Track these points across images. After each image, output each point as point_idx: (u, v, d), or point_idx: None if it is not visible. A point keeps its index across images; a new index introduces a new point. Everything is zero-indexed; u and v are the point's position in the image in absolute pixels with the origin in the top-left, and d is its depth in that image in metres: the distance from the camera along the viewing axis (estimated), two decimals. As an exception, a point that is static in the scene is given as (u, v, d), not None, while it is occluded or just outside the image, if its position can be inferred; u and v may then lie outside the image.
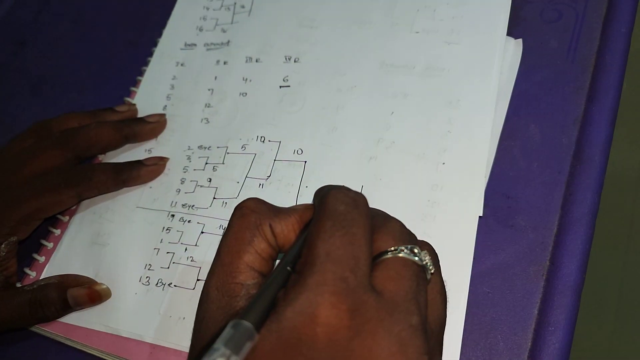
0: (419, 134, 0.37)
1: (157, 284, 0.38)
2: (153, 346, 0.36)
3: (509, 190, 0.36)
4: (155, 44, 0.49)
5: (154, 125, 0.44)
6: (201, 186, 0.41)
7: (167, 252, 0.39)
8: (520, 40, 0.39)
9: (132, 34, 0.51)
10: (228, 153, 0.41)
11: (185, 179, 0.41)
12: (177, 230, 0.39)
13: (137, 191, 0.42)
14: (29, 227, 0.39)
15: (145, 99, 0.46)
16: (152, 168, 0.42)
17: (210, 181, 0.41)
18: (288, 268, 0.25)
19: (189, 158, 0.42)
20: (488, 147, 0.36)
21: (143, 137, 0.43)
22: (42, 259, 0.41)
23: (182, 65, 0.47)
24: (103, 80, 0.49)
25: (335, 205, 0.24)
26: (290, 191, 0.38)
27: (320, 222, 0.24)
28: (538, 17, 0.41)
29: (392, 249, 0.24)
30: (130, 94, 0.47)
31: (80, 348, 0.38)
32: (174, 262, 0.38)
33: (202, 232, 0.39)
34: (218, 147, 0.42)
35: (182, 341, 0.35)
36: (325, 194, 0.26)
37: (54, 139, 0.40)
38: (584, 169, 0.35)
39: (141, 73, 0.48)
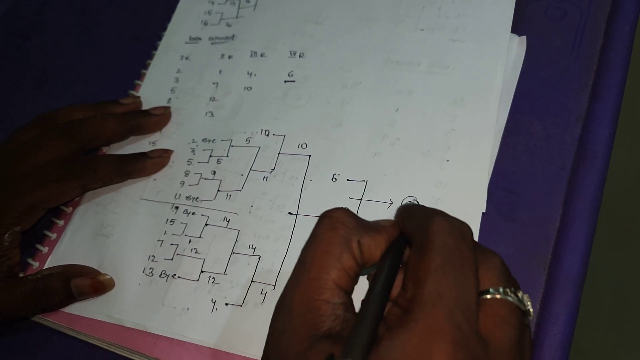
0: (424, 131, 0.37)
1: (160, 275, 0.38)
2: (157, 337, 0.36)
3: (512, 185, 0.36)
4: (159, 38, 0.49)
5: (159, 118, 0.44)
6: (205, 178, 0.41)
7: (171, 244, 0.39)
8: (524, 38, 0.40)
9: (136, 28, 0.51)
10: (232, 146, 0.41)
11: (189, 171, 0.42)
12: (181, 222, 0.40)
13: (141, 183, 0.42)
14: (32, 217, 0.39)
15: (150, 91, 0.46)
16: (157, 160, 0.42)
17: (214, 174, 0.41)
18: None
19: (193, 151, 0.42)
20: (492, 145, 0.36)
21: (148, 129, 0.44)
22: (45, 249, 0.41)
23: (186, 59, 0.47)
24: (107, 74, 0.49)
25: (444, 238, 0.23)
26: (295, 184, 0.38)
27: (430, 257, 0.23)
28: (542, 15, 0.41)
29: (496, 289, 0.23)
30: (135, 87, 0.47)
31: (83, 338, 0.38)
32: (177, 254, 0.38)
33: (206, 224, 0.39)
34: (222, 140, 0.42)
35: (187, 332, 0.35)
36: (428, 221, 0.24)
37: (58, 130, 0.40)
38: (586, 165, 0.36)
39: (146, 67, 0.48)
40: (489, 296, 0.23)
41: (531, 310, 0.24)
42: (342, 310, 0.24)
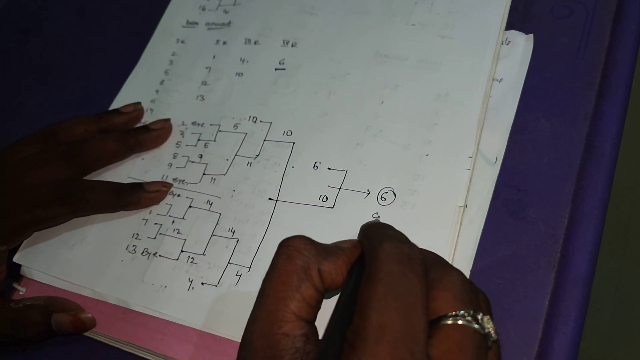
0: (406, 124, 0.38)
1: (142, 252, 0.39)
2: (164, 332, 0.36)
3: (520, 183, 0.36)
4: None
5: (160, 132, 0.43)
6: (192, 162, 0.42)
7: (155, 223, 0.40)
8: (531, 36, 0.40)
9: (137, 23, 0.51)
10: (220, 131, 0.42)
11: (177, 153, 0.42)
12: (167, 203, 0.41)
13: (130, 162, 0.43)
14: (19, 237, 0.39)
15: (144, 72, 0.47)
16: (154, 195, 0.40)
17: (201, 157, 0.42)
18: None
19: (182, 133, 0.43)
20: (473, 141, 0.36)
21: (149, 145, 0.43)
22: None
23: (182, 42, 0.48)
24: (108, 69, 0.49)
25: (389, 265, 0.23)
26: (277, 170, 0.39)
27: (373, 287, 0.22)
28: (549, 13, 0.41)
29: (453, 313, 0.23)
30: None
31: (87, 334, 0.38)
32: (160, 233, 0.39)
33: (190, 207, 0.40)
34: (211, 125, 0.43)
35: (163, 308, 0.36)
36: (376, 246, 0.24)
37: (59, 151, 0.40)
38: (594, 163, 0.36)
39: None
40: (446, 321, 0.23)
41: (492, 332, 0.23)
42: (302, 342, 0.24)
